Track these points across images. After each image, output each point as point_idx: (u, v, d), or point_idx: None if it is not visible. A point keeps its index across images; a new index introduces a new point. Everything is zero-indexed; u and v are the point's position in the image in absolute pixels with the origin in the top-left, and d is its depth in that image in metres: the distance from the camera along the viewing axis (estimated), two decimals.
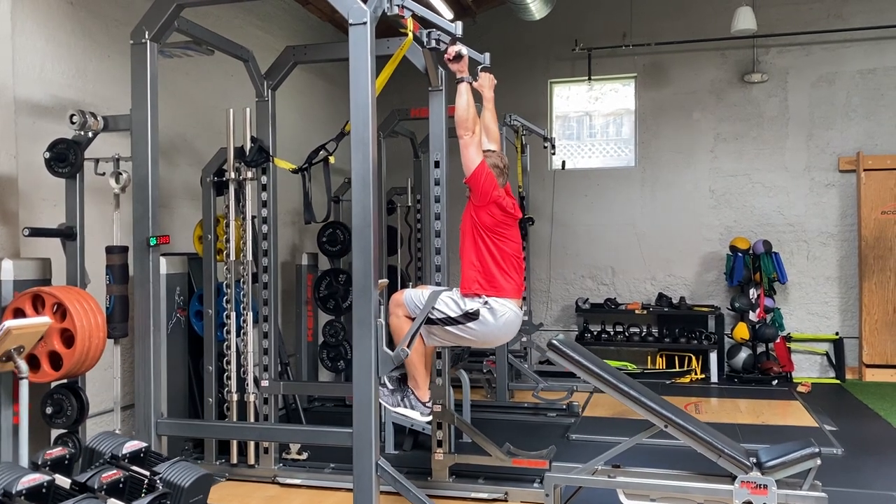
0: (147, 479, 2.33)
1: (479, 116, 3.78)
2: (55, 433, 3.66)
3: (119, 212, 3.86)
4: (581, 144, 8.76)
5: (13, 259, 3.54)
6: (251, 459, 4.42)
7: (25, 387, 2.75)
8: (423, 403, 3.74)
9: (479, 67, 3.89)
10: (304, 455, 4.56)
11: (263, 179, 4.41)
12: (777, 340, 7.48)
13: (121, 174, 3.77)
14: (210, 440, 4.44)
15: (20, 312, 3.30)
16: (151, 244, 3.36)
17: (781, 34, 7.75)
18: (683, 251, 8.14)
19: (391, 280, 6.33)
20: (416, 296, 3.63)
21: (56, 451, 2.34)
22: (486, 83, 3.89)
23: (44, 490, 2.11)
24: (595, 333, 8.02)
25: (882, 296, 7.46)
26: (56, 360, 3.34)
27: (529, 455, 4.11)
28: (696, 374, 7.56)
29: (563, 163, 7.90)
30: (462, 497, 4.02)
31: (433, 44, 3.63)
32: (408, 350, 3.17)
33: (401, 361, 3.12)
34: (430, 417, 3.84)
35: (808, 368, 7.75)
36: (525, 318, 6.54)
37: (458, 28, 3.42)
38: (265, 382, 4.41)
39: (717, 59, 8.04)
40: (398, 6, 3.13)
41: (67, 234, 3.65)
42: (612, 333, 8.00)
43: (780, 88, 7.88)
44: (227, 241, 4.44)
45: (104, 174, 3.80)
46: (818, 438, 5.09)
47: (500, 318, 3.58)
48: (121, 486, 2.27)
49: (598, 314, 8.18)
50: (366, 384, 2.97)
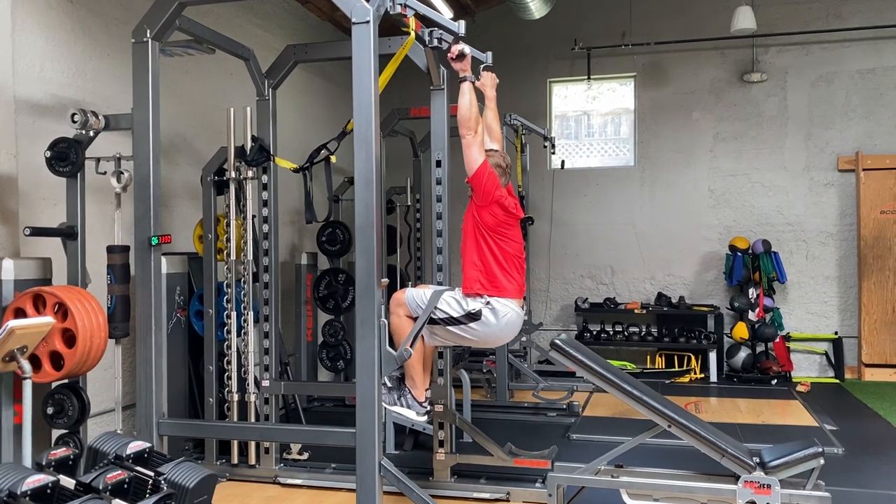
0: (151, 480, 2.31)
1: (482, 116, 3.77)
2: (55, 433, 3.65)
3: (120, 211, 3.85)
4: (579, 144, 8.75)
5: (14, 259, 3.52)
6: (252, 459, 4.40)
7: (29, 387, 2.74)
8: (420, 403, 3.73)
9: (482, 66, 3.88)
10: (305, 455, 4.55)
11: (264, 179, 4.39)
12: (776, 340, 7.48)
13: (122, 173, 3.76)
14: (210, 440, 4.43)
15: (21, 312, 3.28)
16: (153, 243, 3.35)
17: (781, 34, 7.75)
18: (683, 251, 8.14)
19: (390, 280, 6.32)
20: (418, 295, 3.62)
21: (60, 452, 2.33)
22: (489, 82, 3.89)
23: (48, 491, 2.10)
24: (594, 333, 8.02)
25: (881, 295, 7.46)
26: (57, 360, 3.33)
27: (531, 455, 4.10)
28: (696, 374, 7.56)
29: (563, 162, 7.90)
30: (464, 497, 4.01)
31: (435, 43, 3.62)
32: (411, 350, 3.17)
33: (404, 361, 3.11)
34: (426, 417, 3.83)
35: (808, 368, 7.76)
36: (524, 318, 6.52)
37: (461, 27, 3.41)
38: (266, 382, 4.40)
39: (717, 59, 8.04)
40: (401, 5, 3.13)
41: (68, 234, 3.63)
42: (612, 333, 8.00)
43: (780, 88, 7.88)
44: (228, 241, 4.43)
45: (105, 173, 3.78)
46: (819, 438, 5.06)
47: (502, 319, 3.57)
48: (125, 487, 2.25)
49: (598, 314, 8.18)
50: (369, 384, 2.96)
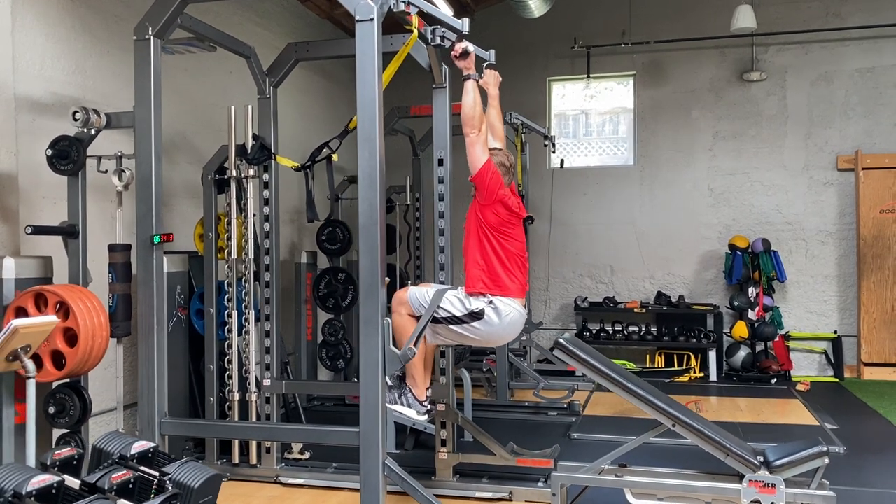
0: (156, 480, 2.30)
1: (485, 114, 3.76)
2: (56, 433, 3.62)
3: (122, 209, 3.83)
4: (577, 143, 8.74)
5: (14, 257, 3.49)
6: (253, 459, 4.38)
7: (33, 386, 2.72)
8: (420, 402, 3.72)
9: (485, 64, 3.87)
10: (307, 455, 4.54)
11: (265, 177, 4.38)
12: (776, 339, 7.49)
13: (124, 171, 3.74)
14: (211, 440, 4.41)
15: (23, 311, 3.26)
16: (155, 242, 3.33)
17: (780, 33, 7.75)
18: (682, 250, 8.14)
19: (390, 279, 6.30)
20: (421, 294, 3.60)
21: (65, 452, 2.31)
22: (492, 80, 3.87)
23: (54, 491, 2.08)
24: (594, 332, 8.01)
25: (880, 294, 7.47)
26: (59, 360, 3.31)
27: (534, 454, 4.10)
28: (695, 373, 7.56)
29: (562, 161, 7.88)
30: (466, 496, 4.00)
31: (438, 41, 3.61)
32: (415, 349, 3.14)
33: (408, 360, 3.09)
34: (426, 417, 3.82)
35: (807, 367, 7.76)
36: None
37: (465, 25, 3.40)
38: (267, 381, 4.38)
39: (716, 58, 8.04)
40: (404, 3, 3.11)
41: (70, 232, 3.61)
42: (611, 332, 7.99)
43: (779, 87, 7.88)
44: (229, 240, 4.41)
45: (106, 172, 3.76)
46: (819, 437, 5.08)
47: (505, 318, 3.56)
48: (130, 487, 2.24)
49: (597, 313, 8.17)
50: (373, 383, 2.95)
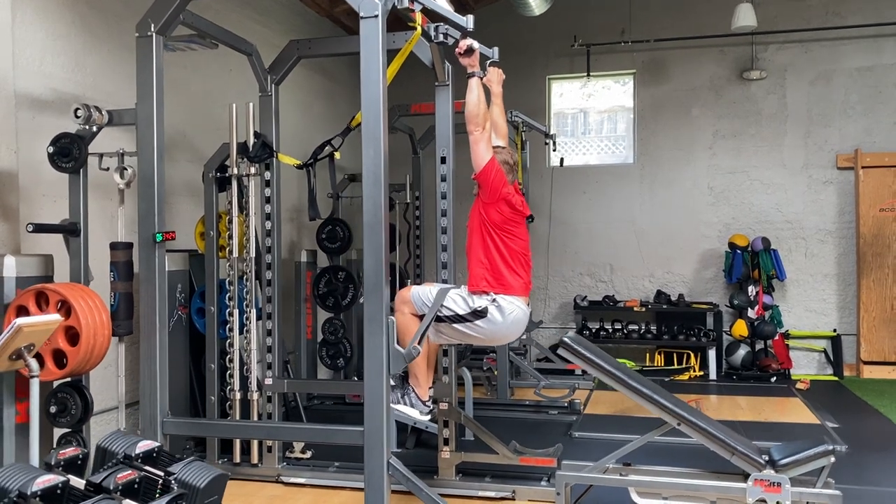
0: (162, 480, 2.28)
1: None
2: (57, 432, 3.60)
3: (123, 207, 3.80)
4: (576, 141, 8.73)
5: (15, 255, 3.46)
6: (254, 458, 4.36)
7: (36, 386, 2.70)
8: (423, 402, 3.70)
9: (488, 62, 3.85)
10: (308, 454, 4.52)
11: (266, 175, 4.36)
12: (775, 338, 7.48)
13: (125, 169, 3.71)
14: (212, 439, 4.39)
15: (24, 310, 3.24)
16: (157, 240, 3.31)
17: (780, 31, 7.75)
18: (682, 248, 8.13)
19: (390, 278, 6.28)
20: (424, 293, 3.58)
21: (69, 451, 2.29)
22: (495, 78, 3.86)
23: (59, 491, 2.06)
24: (593, 331, 8.00)
25: (880, 293, 7.47)
26: (60, 359, 3.29)
27: (537, 453, 4.08)
28: (695, 372, 7.55)
29: (562, 159, 7.87)
30: (469, 496, 3.98)
31: (441, 38, 3.59)
32: (419, 347, 3.13)
33: (412, 359, 3.08)
34: (429, 417, 3.80)
35: (806, 365, 7.77)
36: None
37: (470, 22, 3.38)
38: (269, 380, 4.36)
39: (716, 56, 8.03)
40: (409, 0, 3.10)
41: (71, 230, 3.58)
42: (611, 331, 7.98)
43: (779, 85, 7.88)
44: (230, 238, 4.39)
45: (108, 169, 3.73)
46: (821, 436, 5.11)
47: (509, 317, 3.55)
48: (136, 487, 2.22)
49: (597, 311, 8.16)
50: (377, 382, 2.94)
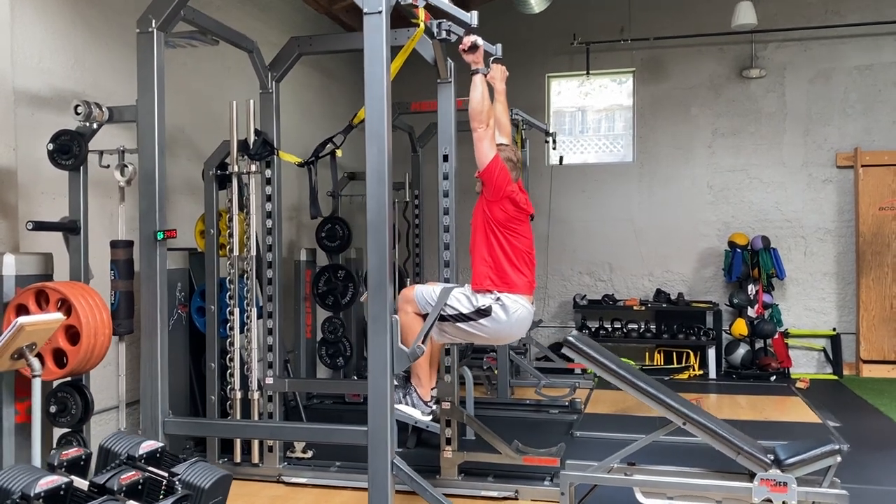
0: (166, 481, 2.25)
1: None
2: (57, 432, 3.57)
3: (124, 205, 3.76)
4: (573, 140, 8.72)
5: (14, 253, 3.43)
6: (255, 458, 4.34)
7: (38, 385, 2.66)
8: (425, 402, 3.67)
9: (491, 59, 3.82)
10: (309, 454, 4.49)
11: (267, 173, 4.33)
12: (775, 336, 7.47)
13: (126, 166, 3.67)
14: (213, 438, 4.36)
15: (23, 309, 3.20)
16: (159, 238, 3.28)
17: (779, 29, 7.74)
18: (681, 247, 8.12)
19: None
20: (428, 292, 3.55)
21: (72, 452, 2.26)
22: (498, 75, 3.83)
23: (62, 492, 2.03)
24: (593, 330, 7.98)
25: (879, 292, 7.47)
26: (60, 358, 3.25)
27: (540, 452, 4.06)
28: (694, 371, 7.55)
29: (561, 158, 7.85)
30: (472, 495, 3.96)
31: (444, 35, 3.56)
32: (423, 347, 3.11)
33: (416, 358, 3.06)
34: (431, 417, 3.77)
35: (806, 364, 7.76)
36: None
37: (474, 18, 3.35)
38: (270, 379, 4.33)
39: (716, 55, 8.02)
40: None
41: (71, 228, 3.54)
42: (610, 330, 7.97)
43: (778, 84, 7.87)
44: (230, 236, 4.36)
45: (108, 167, 3.70)
46: (823, 435, 5.10)
47: (513, 315, 3.52)
48: (140, 488, 2.19)
49: (596, 310, 8.15)
50: (381, 382, 2.91)
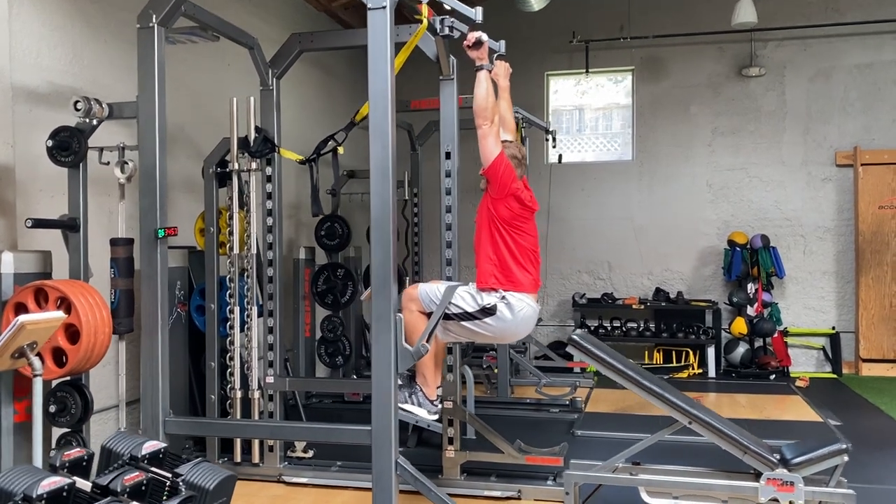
0: (169, 482, 2.22)
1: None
2: (57, 432, 3.53)
3: (124, 203, 3.72)
4: (572, 139, 8.69)
5: (13, 251, 3.38)
6: (256, 458, 4.30)
7: (39, 385, 2.63)
8: (431, 401, 3.64)
9: (495, 56, 3.80)
10: (310, 453, 4.46)
11: (268, 171, 4.29)
12: (774, 335, 7.46)
13: (126, 163, 3.63)
14: (212, 438, 4.32)
15: (22, 307, 3.16)
16: (159, 236, 3.24)
17: (779, 28, 7.72)
18: (681, 246, 8.11)
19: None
20: (432, 290, 3.52)
21: (74, 453, 2.22)
22: (502, 72, 3.80)
23: (65, 493, 2.00)
24: (592, 328, 7.94)
25: (879, 290, 7.47)
26: (60, 357, 3.21)
27: (543, 452, 4.04)
28: (694, 369, 7.54)
29: (560, 156, 7.81)
30: (475, 495, 3.94)
31: (447, 31, 3.54)
32: (428, 345, 3.08)
33: (421, 357, 3.04)
34: (437, 416, 3.75)
35: (805, 363, 7.76)
36: None
37: (479, 14, 3.33)
38: (270, 378, 4.30)
39: (715, 53, 8.00)
40: None
41: (70, 226, 3.50)
42: (609, 328, 7.95)
43: (778, 83, 7.86)
44: (230, 234, 4.32)
45: (108, 164, 3.66)
46: (824, 433, 5.09)
47: (518, 314, 3.49)
48: (143, 489, 2.15)
49: (595, 309, 8.13)
50: (385, 380, 2.89)
